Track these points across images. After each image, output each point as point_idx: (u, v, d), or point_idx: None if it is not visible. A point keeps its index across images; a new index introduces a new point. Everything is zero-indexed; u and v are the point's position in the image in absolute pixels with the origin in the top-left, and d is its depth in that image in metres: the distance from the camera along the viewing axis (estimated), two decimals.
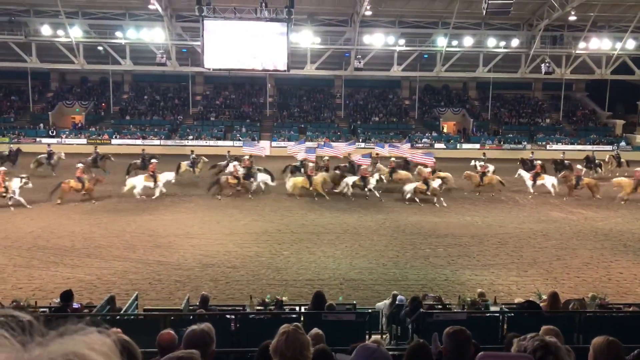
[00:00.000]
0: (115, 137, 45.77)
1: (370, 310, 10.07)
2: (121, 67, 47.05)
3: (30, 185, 23.21)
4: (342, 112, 52.08)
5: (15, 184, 22.61)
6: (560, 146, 43.86)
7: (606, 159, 33.63)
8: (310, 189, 25.24)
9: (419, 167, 27.71)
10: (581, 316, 8.21)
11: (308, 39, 43.59)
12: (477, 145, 45.60)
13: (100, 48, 45.97)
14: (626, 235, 19.11)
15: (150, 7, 40.00)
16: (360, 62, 43.76)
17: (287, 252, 16.45)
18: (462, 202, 25.10)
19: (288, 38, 34.16)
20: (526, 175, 27.31)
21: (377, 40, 44.43)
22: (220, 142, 45.76)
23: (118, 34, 44.23)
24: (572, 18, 42.25)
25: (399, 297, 9.82)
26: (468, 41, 44.94)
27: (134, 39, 44.01)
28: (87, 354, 0.98)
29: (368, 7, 39.12)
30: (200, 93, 54.00)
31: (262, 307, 9.91)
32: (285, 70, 36.28)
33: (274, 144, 45.92)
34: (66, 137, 45.95)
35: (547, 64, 44.04)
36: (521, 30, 45.93)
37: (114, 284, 13.39)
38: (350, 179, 25.96)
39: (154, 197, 24.55)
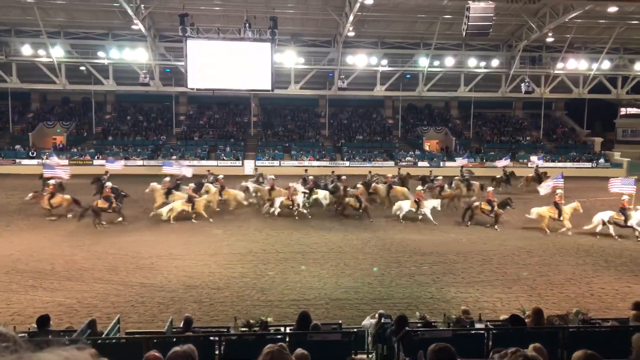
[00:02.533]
0: (98, 158, 45.33)
1: (356, 329, 10.01)
2: (104, 87, 46.86)
3: None
4: (327, 131, 52.38)
5: None
6: (541, 163, 44.41)
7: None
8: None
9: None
10: (565, 332, 8.25)
11: (292, 59, 43.98)
12: (506, 162, 44.45)
13: (82, 68, 45.77)
14: (607, 251, 19.35)
15: (134, 27, 40.08)
16: (344, 82, 44.18)
17: (272, 273, 16.32)
18: (446, 219, 25.24)
19: (272, 58, 34.41)
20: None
21: (360, 60, 44.99)
22: (204, 162, 45.56)
23: (101, 53, 44.13)
24: (550, 39, 43.32)
25: (384, 316, 9.78)
26: (449, 61, 45.73)
27: (117, 59, 43.94)
28: None
29: (351, 28, 39.68)
30: (184, 113, 53.92)
31: (246, 329, 9.78)
32: (269, 90, 36.47)
33: (259, 162, 45.95)
34: (47, 158, 45.36)
35: (526, 84, 44.93)
36: (501, 50, 46.90)
37: (95, 307, 13.14)
38: (300, 198, 26.04)
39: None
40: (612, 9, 34.25)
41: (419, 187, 27.51)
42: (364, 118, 54.77)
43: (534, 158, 41.93)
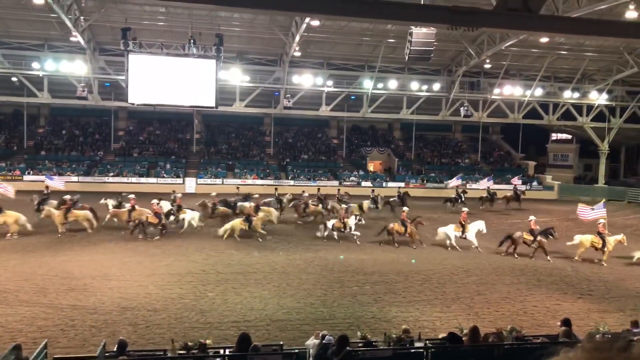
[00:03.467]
0: (28, 173, 43.04)
1: (297, 350, 9.86)
2: (37, 100, 44.78)
3: None
4: (272, 149, 52.24)
5: None
6: (480, 184, 46.04)
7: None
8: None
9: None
10: (499, 348, 8.46)
11: (237, 76, 43.76)
12: (402, 184, 47.03)
13: (14, 79, 43.58)
14: (540, 270, 20.17)
15: (72, 39, 38.69)
16: (289, 101, 44.36)
17: (212, 294, 15.89)
18: (387, 239, 25.54)
19: (217, 75, 34.07)
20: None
21: (306, 80, 45.39)
22: (143, 180, 44.23)
23: (35, 64, 42.21)
24: (488, 66, 45.39)
25: (326, 336, 9.70)
26: (392, 84, 46.93)
27: (53, 70, 42.16)
28: None
29: (297, 49, 40.05)
30: (123, 128, 52.32)
31: (184, 351, 9.43)
32: (213, 107, 36.01)
33: (201, 180, 45.08)
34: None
35: (465, 108, 46.74)
36: (442, 75, 48.64)
37: (20, 332, 12.29)
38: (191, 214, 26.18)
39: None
40: (544, 39, 36.35)
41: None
42: (309, 137, 55.09)
43: (514, 180, 45.18)
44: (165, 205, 26.18)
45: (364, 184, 47.52)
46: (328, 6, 9.97)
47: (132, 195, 26.97)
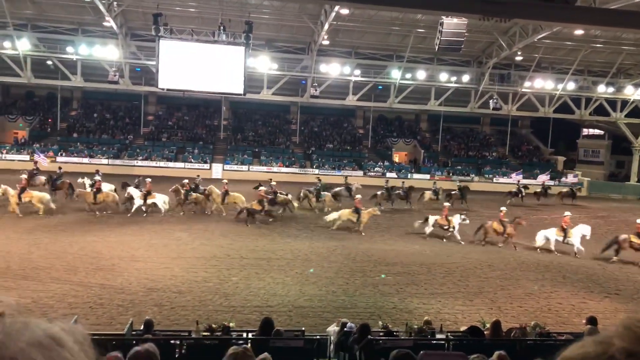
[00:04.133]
0: (61, 155, 44.14)
1: (319, 337, 9.98)
2: (71, 83, 45.75)
3: None
4: (297, 137, 52.38)
5: None
6: (505, 179, 45.42)
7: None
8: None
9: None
10: (522, 343, 8.42)
11: (265, 64, 43.91)
12: (428, 176, 46.70)
13: (49, 62, 44.59)
14: (565, 268, 19.86)
15: (105, 24, 39.35)
16: (316, 90, 44.34)
17: (235, 278, 16.14)
18: (411, 230, 25.46)
19: (245, 62, 34.24)
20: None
21: (334, 69, 45.25)
22: (171, 164, 44.92)
23: (69, 49, 43.09)
24: (519, 58, 44.51)
25: (348, 324, 9.79)
26: (421, 75, 46.43)
27: (86, 55, 43.00)
28: (63, 338, 0.90)
29: (325, 37, 39.92)
30: (153, 113, 53.10)
31: (208, 333, 9.64)
32: (241, 94, 36.26)
33: (227, 167, 45.55)
34: (7, 153, 43.99)
35: (495, 100, 45.97)
36: (471, 66, 47.90)
37: (51, 308, 12.72)
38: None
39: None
40: (578, 32, 35.44)
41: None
42: (334, 127, 55.03)
43: (569, 176, 45.16)
44: (134, 191, 25.97)
45: (388, 174, 47.34)
46: None
47: (149, 179, 27.37)
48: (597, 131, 58.04)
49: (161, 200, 25.74)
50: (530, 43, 38.97)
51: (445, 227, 23.47)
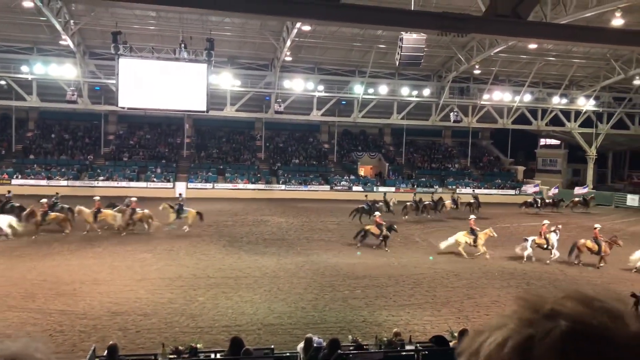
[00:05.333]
0: (17, 177, 42.64)
1: (288, 354, 9.88)
2: (26, 104, 44.44)
3: None
4: (263, 153, 52.22)
5: None
6: (468, 190, 46.36)
7: None
8: None
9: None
10: None
11: (228, 81, 43.77)
12: (393, 189, 47.24)
13: (2, 82, 43.22)
14: (529, 274, 20.31)
15: (62, 42, 38.50)
16: (280, 106, 44.43)
17: (202, 298, 15.84)
18: (378, 243, 25.59)
19: (208, 79, 34.03)
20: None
21: (297, 85, 45.50)
22: (133, 184, 44.00)
23: (24, 68, 41.93)
24: (477, 71, 45.78)
25: (316, 339, 9.72)
26: (383, 89, 47.14)
27: (42, 74, 41.91)
28: (34, 355, 0.88)
29: (288, 53, 40.16)
30: (113, 132, 52.03)
31: (175, 356, 9.40)
32: (204, 111, 35.95)
33: (191, 185, 44.93)
34: None
35: (455, 113, 47.04)
36: (432, 80, 48.95)
37: (9, 338, 12.16)
38: None
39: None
40: (532, 45, 36.73)
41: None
42: (300, 142, 55.16)
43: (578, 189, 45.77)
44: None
45: (355, 188, 47.65)
46: (318, 11, 10.05)
47: (134, 199, 27.19)
48: (553, 141, 59.98)
49: (5, 221, 23.65)
50: (488, 57, 40.16)
51: (545, 247, 22.43)
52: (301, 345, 10.53)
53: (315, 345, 9.49)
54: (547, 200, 41.35)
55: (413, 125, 51.19)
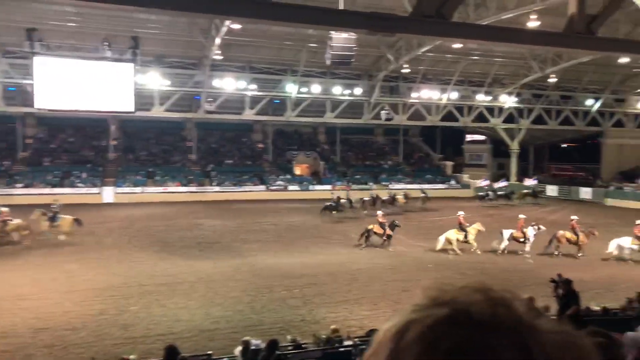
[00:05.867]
0: None
1: (226, 359, 9.69)
2: None
3: None
4: (194, 155, 51.02)
5: None
6: (401, 185, 47.56)
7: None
8: None
9: None
10: None
11: (156, 80, 42.27)
12: (329, 187, 47.64)
13: None
14: (462, 265, 21.09)
15: None
16: (211, 105, 43.54)
17: (135, 307, 15.23)
18: (315, 241, 25.73)
19: (134, 79, 32.75)
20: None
21: (228, 84, 44.71)
22: (56, 190, 41.65)
23: None
24: (406, 70, 46.91)
25: (253, 342, 9.58)
26: (316, 88, 47.33)
27: None
28: None
29: (218, 52, 39.38)
30: (32, 135, 49.00)
31: None
32: (131, 112, 34.59)
33: (119, 189, 43.21)
34: None
35: (386, 112, 48.07)
36: (363, 79, 49.67)
37: None
38: None
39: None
40: (457, 45, 38.12)
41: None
42: (233, 142, 54.38)
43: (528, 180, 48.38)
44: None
45: (291, 187, 47.60)
46: (247, 10, 9.88)
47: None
48: (479, 136, 62.67)
49: None
50: (415, 56, 41.27)
51: (522, 240, 22.99)
52: (239, 348, 10.35)
53: (253, 347, 9.35)
54: (499, 193, 43.54)
55: (346, 123, 51.79)
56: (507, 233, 23.11)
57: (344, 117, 49.97)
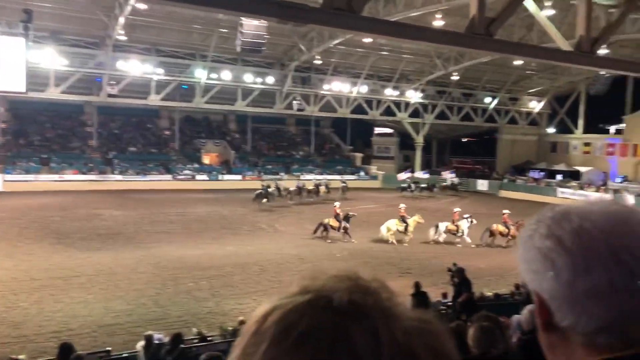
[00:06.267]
0: None
1: (126, 355, 9.26)
2: None
3: None
4: (95, 141, 48.07)
5: None
6: (311, 176, 48.08)
7: None
8: None
9: None
10: None
11: (52, 59, 39.09)
12: (239, 177, 47.06)
13: None
14: (368, 253, 21.75)
15: None
16: (114, 89, 41.16)
17: (25, 303, 14.14)
18: (225, 232, 25.31)
19: (26, 56, 30.04)
20: None
21: (133, 66, 42.43)
22: None
23: None
24: (318, 62, 47.31)
25: (156, 336, 9.24)
26: (226, 75, 46.32)
27: None
28: None
29: (121, 32, 37.25)
30: None
31: None
32: (22, 93, 31.75)
33: (9, 177, 39.77)
34: None
35: (298, 102, 48.21)
36: (275, 68, 49.38)
37: None
38: None
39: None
40: (367, 40, 39.02)
41: None
42: (137, 128, 51.89)
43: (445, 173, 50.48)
44: None
45: (198, 177, 46.43)
46: None
47: None
48: (387, 129, 64.77)
49: None
50: (327, 48, 41.71)
51: (455, 233, 24.24)
52: (141, 343, 9.94)
53: (155, 342, 9.01)
54: (422, 185, 45.24)
55: (258, 112, 51.29)
56: (443, 225, 24.47)
57: (256, 105, 49.45)
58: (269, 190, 35.45)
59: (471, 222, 24.69)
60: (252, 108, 49.45)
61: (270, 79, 48.41)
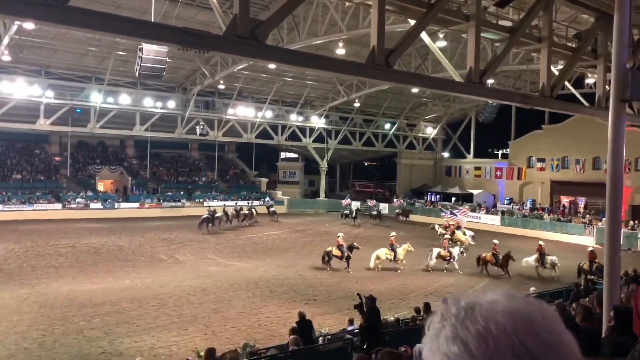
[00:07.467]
0: None
1: None
2: None
3: None
4: None
5: None
6: (215, 202, 46.99)
7: None
8: None
9: None
10: None
11: None
12: (137, 205, 44.88)
13: None
14: (272, 282, 21.45)
15: None
16: None
17: None
18: (121, 265, 23.86)
19: None
20: None
21: (19, 89, 39.39)
22: None
23: None
24: (222, 86, 46.83)
25: None
26: (124, 99, 44.40)
27: None
28: None
29: (6, 52, 34.47)
30: None
31: None
32: None
33: None
34: None
35: (201, 127, 47.21)
36: (177, 93, 48.16)
37: None
38: None
39: None
40: (272, 65, 39.29)
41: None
42: (23, 154, 47.90)
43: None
44: None
45: (93, 205, 43.65)
46: (38, 12, 8.69)
47: None
48: (292, 154, 65.32)
49: None
50: (231, 73, 41.45)
51: (447, 259, 24.51)
52: None
53: None
54: (373, 213, 45.40)
55: (158, 137, 49.54)
56: (435, 251, 24.98)
57: (156, 130, 47.77)
58: (216, 215, 35.79)
59: (462, 251, 25.43)
60: (151, 133, 47.71)
61: (171, 104, 47.15)
